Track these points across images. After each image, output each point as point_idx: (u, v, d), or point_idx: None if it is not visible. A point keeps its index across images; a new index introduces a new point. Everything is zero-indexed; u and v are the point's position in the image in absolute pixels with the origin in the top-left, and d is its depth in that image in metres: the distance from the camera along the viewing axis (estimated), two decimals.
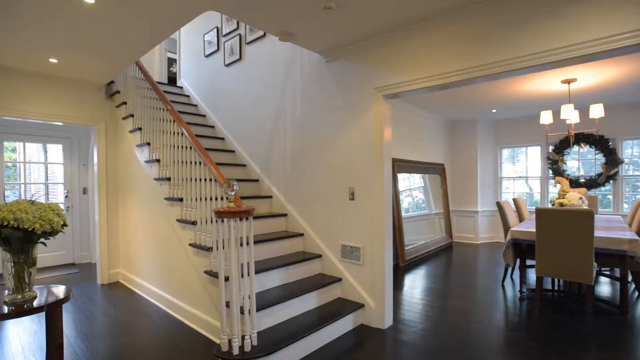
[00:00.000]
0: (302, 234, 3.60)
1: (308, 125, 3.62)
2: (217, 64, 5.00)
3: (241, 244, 2.40)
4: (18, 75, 3.88)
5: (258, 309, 2.53)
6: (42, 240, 1.94)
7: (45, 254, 5.38)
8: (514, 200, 4.80)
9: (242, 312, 2.44)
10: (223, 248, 2.75)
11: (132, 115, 4.19)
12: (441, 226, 6.74)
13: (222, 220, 2.47)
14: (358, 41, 3.06)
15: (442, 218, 6.80)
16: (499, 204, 4.16)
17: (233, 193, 2.38)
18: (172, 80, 6.77)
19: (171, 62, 7.32)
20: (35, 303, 1.94)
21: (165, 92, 5.34)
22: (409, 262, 5.22)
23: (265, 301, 2.67)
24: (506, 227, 4.08)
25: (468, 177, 7.01)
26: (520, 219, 4.74)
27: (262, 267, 2.95)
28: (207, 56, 5.21)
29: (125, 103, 4.35)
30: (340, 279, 3.24)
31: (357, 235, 3.16)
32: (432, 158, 6.59)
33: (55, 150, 5.65)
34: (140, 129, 3.99)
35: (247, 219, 2.41)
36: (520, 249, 3.74)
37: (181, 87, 5.83)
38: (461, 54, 2.52)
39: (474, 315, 3.29)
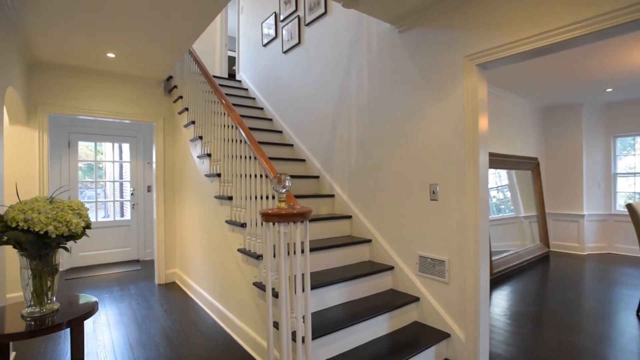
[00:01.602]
0: (369, 240, 3.02)
1: (377, 111, 3.03)
2: (275, 52, 4.63)
3: (295, 252, 1.91)
4: (84, 74, 3.92)
5: (315, 336, 2.02)
6: (63, 244, 1.63)
7: (111, 250, 5.50)
8: None
9: (294, 339, 1.95)
10: (274, 256, 2.30)
11: (186, 109, 3.97)
12: (533, 232, 5.67)
13: (273, 224, 2.02)
14: (440, 0, 2.41)
15: (533, 222, 5.72)
16: (631, 207, 3.16)
17: (284, 190, 1.90)
18: (232, 77, 6.62)
19: (232, 60, 7.24)
20: (56, 318, 1.65)
21: (222, 85, 5.13)
22: (498, 275, 4.35)
23: (324, 325, 2.15)
24: None
25: (570, 174, 5.81)
26: None
27: (321, 280, 2.44)
28: (264, 45, 4.87)
29: (181, 97, 4.16)
30: (417, 299, 2.60)
31: (440, 245, 2.50)
32: (522, 151, 5.56)
33: (124, 149, 5.77)
34: (193, 122, 3.74)
35: (302, 222, 1.91)
36: None
37: (239, 81, 5.59)
38: None
39: (600, 358, 2.44)
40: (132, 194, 5.72)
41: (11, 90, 3.04)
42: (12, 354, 2.57)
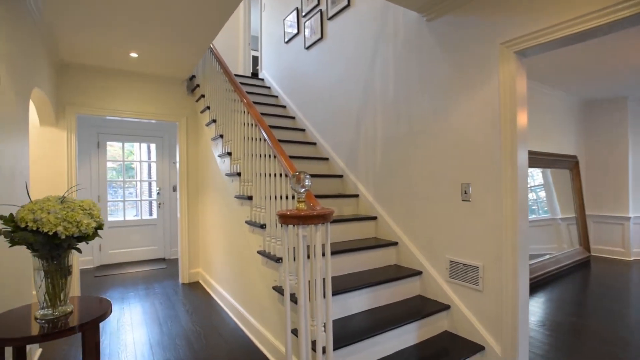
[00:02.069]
0: (395, 243, 2.86)
1: (403, 107, 2.86)
2: (297, 48, 4.53)
3: (315, 255, 1.79)
4: (109, 75, 3.98)
5: (337, 346, 1.89)
6: (74, 246, 1.59)
7: (138, 248, 5.59)
8: None
9: (314, 349, 1.83)
10: (294, 260, 2.19)
11: (208, 108, 3.94)
12: (571, 235, 5.28)
13: (294, 226, 1.91)
14: None
15: (572, 225, 5.34)
16: None
17: (304, 190, 1.78)
18: (255, 76, 6.58)
19: (256, 60, 7.20)
20: (69, 321, 1.61)
21: (245, 84, 5.09)
22: (534, 281, 4.06)
23: (347, 333, 2.01)
24: None
25: (614, 173, 5.38)
26: None
27: (344, 285, 2.30)
28: (287, 42, 4.79)
29: (203, 96, 4.14)
30: (448, 307, 2.42)
31: (473, 249, 2.31)
32: (559, 148, 5.20)
33: (151, 149, 5.86)
34: (215, 121, 3.69)
35: (322, 224, 1.79)
36: None
37: (262, 80, 5.54)
38: None
39: None
40: (158, 193, 5.79)
41: (39, 92, 3.09)
42: (39, 351, 2.60)
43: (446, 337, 2.35)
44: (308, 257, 2.11)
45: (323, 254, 1.91)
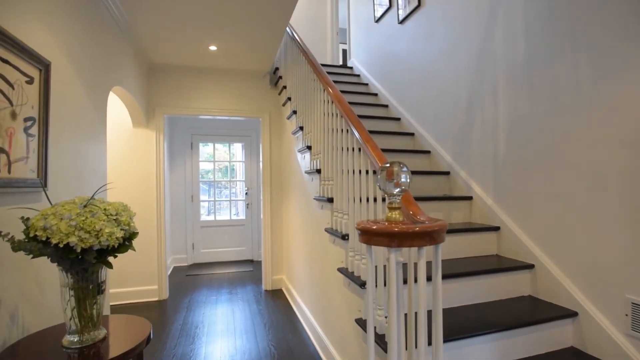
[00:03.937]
0: (530, 266, 2.03)
1: (541, 76, 2.02)
2: (389, 25, 3.89)
3: (416, 280, 1.17)
4: (192, 73, 3.92)
5: None
6: (93, 260, 1.25)
7: (228, 248, 5.58)
8: None
9: None
10: (385, 284, 1.59)
11: (289, 99, 3.57)
12: None
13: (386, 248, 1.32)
14: None
15: None
16: None
17: (398, 191, 1.17)
18: (344, 66, 6.12)
19: (345, 54, 6.82)
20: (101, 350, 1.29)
21: (331, 73, 4.62)
22: None
23: None
24: None
25: None
26: None
27: (457, 327, 1.61)
28: (377, 21, 4.18)
29: (285, 87, 3.79)
30: None
31: None
32: None
33: (239, 149, 5.83)
34: (295, 112, 3.29)
35: (430, 246, 1.16)
36: None
37: (351, 68, 5.02)
38: None
39: None
40: (246, 193, 5.73)
41: (125, 93, 3.06)
42: None
43: None
44: (405, 282, 1.50)
45: (428, 279, 1.28)
